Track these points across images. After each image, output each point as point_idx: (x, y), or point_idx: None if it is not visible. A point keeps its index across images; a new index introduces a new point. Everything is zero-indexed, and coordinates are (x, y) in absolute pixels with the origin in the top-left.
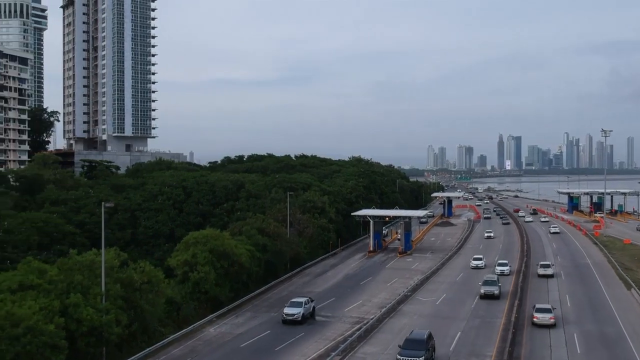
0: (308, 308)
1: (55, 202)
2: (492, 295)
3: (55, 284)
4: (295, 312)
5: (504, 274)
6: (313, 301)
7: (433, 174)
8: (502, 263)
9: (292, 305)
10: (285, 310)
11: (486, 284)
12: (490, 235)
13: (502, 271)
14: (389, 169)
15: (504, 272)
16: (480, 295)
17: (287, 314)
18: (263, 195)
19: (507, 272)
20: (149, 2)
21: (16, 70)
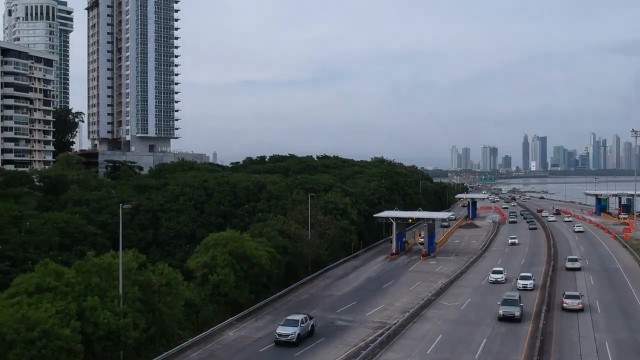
0: (305, 327)
1: (78, 202)
2: (513, 317)
3: (72, 286)
4: (289, 332)
5: (527, 289)
6: (312, 318)
7: (457, 175)
8: (525, 276)
9: (287, 323)
10: (278, 330)
11: (506, 303)
12: (514, 241)
13: (525, 286)
14: (412, 170)
15: (526, 286)
16: (499, 316)
17: (280, 334)
18: (284, 196)
19: (531, 286)
20: (172, 4)
21: (41, 72)
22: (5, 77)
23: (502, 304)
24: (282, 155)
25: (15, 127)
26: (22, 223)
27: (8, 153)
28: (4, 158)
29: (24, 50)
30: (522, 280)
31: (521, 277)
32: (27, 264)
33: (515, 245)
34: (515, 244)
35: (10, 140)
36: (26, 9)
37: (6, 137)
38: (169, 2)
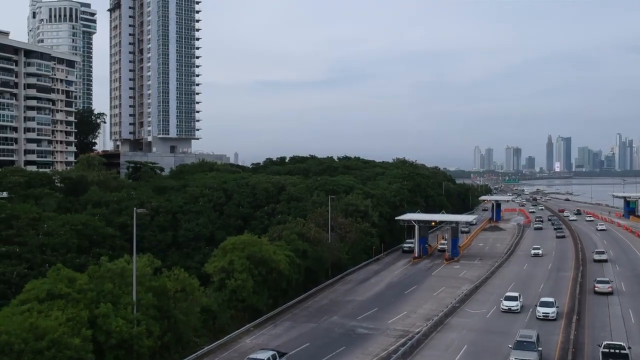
0: None
1: (98, 203)
2: None
3: (84, 293)
4: None
5: (549, 319)
6: (283, 355)
7: (480, 176)
8: (547, 302)
9: None
10: None
11: (520, 347)
12: (537, 252)
13: (546, 314)
14: (434, 171)
15: (548, 315)
16: None
17: None
18: (304, 198)
19: (553, 315)
20: (193, 5)
21: (64, 73)
22: (28, 78)
23: (515, 347)
24: (303, 156)
25: (38, 128)
26: (40, 225)
27: (30, 154)
28: (26, 159)
29: (46, 51)
30: (543, 307)
31: (542, 304)
32: (44, 266)
33: (539, 257)
34: (538, 255)
35: (33, 141)
36: (50, 11)
37: (29, 137)
38: (190, 3)
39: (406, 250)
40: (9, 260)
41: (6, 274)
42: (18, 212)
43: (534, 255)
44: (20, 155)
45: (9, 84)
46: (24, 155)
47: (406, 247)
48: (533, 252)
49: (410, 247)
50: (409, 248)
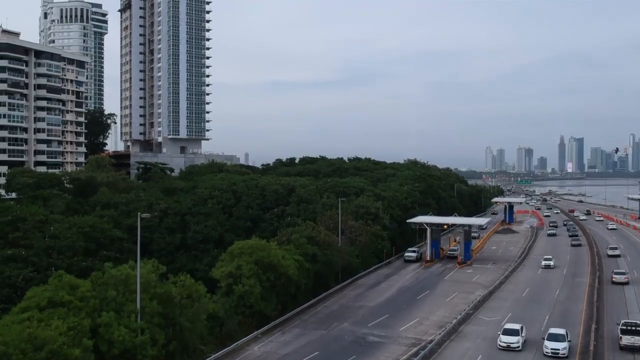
0: None
1: (107, 205)
2: None
3: (87, 300)
4: None
5: (559, 356)
6: None
7: (491, 177)
8: (556, 335)
9: None
10: None
11: None
12: (549, 264)
13: (556, 351)
14: (446, 172)
15: (557, 352)
16: None
17: None
18: (314, 200)
19: (564, 352)
20: (204, 5)
21: (74, 73)
22: (38, 78)
23: None
24: (313, 157)
25: (48, 129)
26: (47, 227)
27: (40, 154)
28: (36, 159)
29: (56, 52)
30: (552, 342)
31: (550, 337)
32: (50, 270)
33: (550, 270)
34: (549, 267)
35: (43, 141)
36: (61, 12)
37: (39, 138)
38: (200, 3)
39: (408, 260)
40: (15, 263)
41: (11, 277)
42: (24, 215)
43: (545, 267)
44: (30, 156)
45: (19, 85)
46: (34, 155)
47: (408, 256)
48: (544, 264)
49: (412, 256)
50: (410, 257)
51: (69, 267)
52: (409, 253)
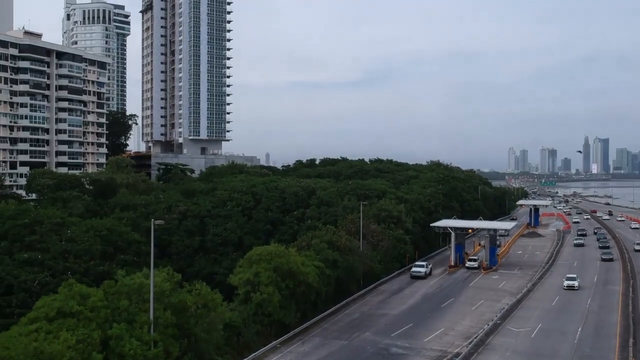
0: None
1: (126, 207)
2: None
3: (97, 311)
4: None
5: None
6: None
7: (514, 178)
8: None
9: None
10: None
11: None
12: (572, 284)
13: None
14: (470, 174)
15: None
16: None
17: None
18: (335, 202)
19: None
20: (224, 5)
21: (95, 75)
22: (59, 80)
23: None
24: (333, 158)
25: (69, 130)
26: (64, 231)
27: (62, 155)
28: (57, 160)
29: (78, 53)
30: None
31: None
32: (66, 274)
33: (573, 291)
34: (573, 288)
35: (64, 142)
36: (83, 13)
37: (60, 139)
38: (221, 4)
39: (415, 276)
40: (31, 267)
41: (27, 282)
42: (41, 217)
43: (568, 287)
44: (52, 157)
45: (41, 86)
46: (55, 156)
47: (415, 271)
48: (566, 284)
49: (420, 271)
50: (418, 273)
51: (85, 271)
52: (416, 268)
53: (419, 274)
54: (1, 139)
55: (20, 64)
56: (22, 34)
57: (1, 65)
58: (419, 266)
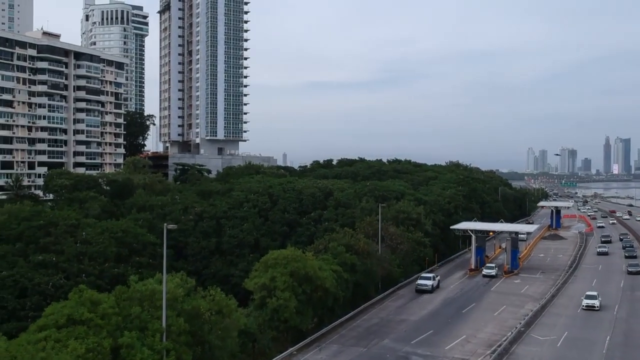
0: None
1: (142, 207)
2: None
3: (108, 318)
4: None
5: None
6: None
7: (534, 178)
8: None
9: None
10: None
11: None
12: (592, 303)
13: None
14: (489, 175)
15: None
16: None
17: None
18: (352, 204)
19: None
20: (242, 6)
21: (113, 75)
22: (77, 80)
23: None
24: (351, 159)
25: (87, 130)
26: (79, 232)
27: (80, 155)
28: (75, 160)
29: (95, 53)
30: None
31: None
32: (80, 276)
33: (594, 311)
34: (594, 308)
35: (82, 143)
36: (102, 14)
37: (78, 140)
38: (238, 4)
39: (421, 290)
40: (45, 269)
41: (41, 284)
42: (56, 219)
43: (587, 307)
44: (70, 157)
45: (59, 86)
46: (73, 157)
47: (421, 284)
48: (585, 303)
49: (427, 284)
50: (424, 287)
51: (99, 274)
52: (422, 281)
53: (425, 288)
54: (20, 140)
55: (39, 65)
56: (41, 34)
57: (20, 66)
58: (424, 278)
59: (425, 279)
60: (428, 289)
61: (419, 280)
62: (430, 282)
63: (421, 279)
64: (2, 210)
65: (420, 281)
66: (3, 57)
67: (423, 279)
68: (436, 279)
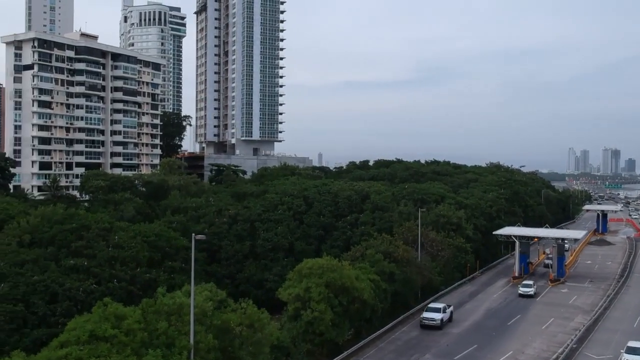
0: None
1: (177, 209)
2: None
3: (133, 334)
4: None
5: None
6: None
7: (575, 179)
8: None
9: None
10: None
11: None
12: None
13: None
14: (531, 176)
15: None
16: None
17: None
18: (390, 207)
19: None
20: (278, 5)
21: (149, 76)
22: (115, 81)
23: None
24: (388, 160)
25: (124, 131)
26: (111, 236)
27: (116, 156)
28: (112, 161)
29: (132, 54)
30: None
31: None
32: (112, 282)
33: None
34: None
35: (119, 144)
36: (140, 15)
37: (115, 140)
38: (274, 4)
39: (427, 325)
40: (77, 274)
41: (72, 290)
42: (89, 222)
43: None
44: (107, 158)
45: (96, 87)
46: (110, 157)
47: (426, 318)
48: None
49: (435, 318)
50: (429, 321)
51: (132, 279)
52: (429, 314)
53: (432, 323)
54: (58, 140)
55: (77, 66)
56: (79, 36)
57: (58, 67)
58: (432, 310)
59: (433, 310)
60: (436, 324)
61: (425, 313)
62: (439, 315)
63: (428, 310)
64: (36, 213)
65: (427, 314)
66: (42, 58)
67: (430, 310)
68: (448, 310)
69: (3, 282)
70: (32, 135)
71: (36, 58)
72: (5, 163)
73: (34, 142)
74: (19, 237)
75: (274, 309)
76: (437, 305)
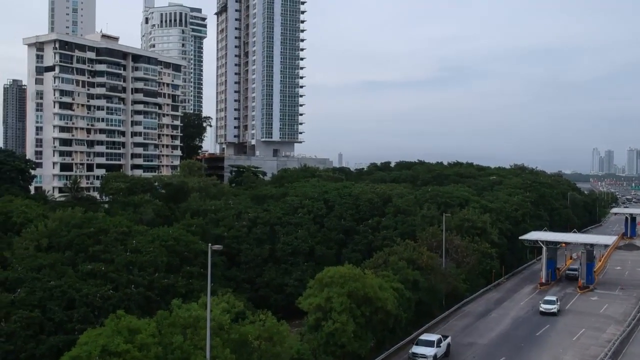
0: None
1: (196, 212)
2: None
3: (147, 349)
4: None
5: None
6: None
7: (599, 180)
8: None
9: None
10: None
11: None
12: None
13: None
14: (557, 178)
15: None
16: None
17: None
18: (413, 211)
19: None
20: (298, 6)
21: (170, 77)
22: (135, 82)
23: None
24: (409, 161)
25: (144, 132)
26: (129, 240)
27: (137, 158)
28: (133, 162)
29: (153, 56)
30: None
31: None
32: (129, 287)
33: None
34: None
35: (140, 145)
36: (161, 17)
37: (135, 142)
38: (295, 4)
39: None
40: (94, 279)
41: (89, 295)
42: (107, 226)
43: None
44: (127, 159)
45: (117, 89)
46: (130, 159)
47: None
48: None
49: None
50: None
51: (149, 284)
52: (419, 348)
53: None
54: (79, 142)
55: (97, 67)
56: (100, 37)
57: (79, 69)
58: (424, 343)
59: (425, 344)
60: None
61: (415, 347)
62: (432, 350)
63: (418, 343)
64: (54, 217)
65: (417, 349)
66: (63, 60)
67: (421, 343)
68: (443, 343)
69: (20, 288)
70: (53, 137)
71: (57, 59)
72: (25, 165)
73: (55, 144)
74: (36, 241)
75: (294, 315)
76: (429, 337)
